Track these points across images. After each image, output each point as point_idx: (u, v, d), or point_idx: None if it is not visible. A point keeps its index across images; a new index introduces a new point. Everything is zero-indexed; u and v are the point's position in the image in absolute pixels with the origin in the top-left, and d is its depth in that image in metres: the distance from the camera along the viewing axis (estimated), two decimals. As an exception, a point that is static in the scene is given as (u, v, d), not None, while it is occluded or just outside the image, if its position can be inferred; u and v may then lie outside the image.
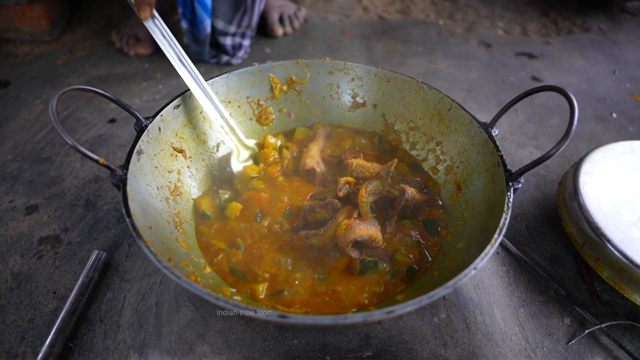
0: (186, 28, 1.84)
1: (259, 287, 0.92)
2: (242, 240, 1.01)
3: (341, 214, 0.99)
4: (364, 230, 0.94)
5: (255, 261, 0.97)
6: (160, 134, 1.00)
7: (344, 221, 0.96)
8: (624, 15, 2.68)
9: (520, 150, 1.58)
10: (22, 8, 2.03)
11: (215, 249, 1.00)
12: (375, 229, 0.97)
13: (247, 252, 0.99)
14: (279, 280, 0.94)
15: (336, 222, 0.97)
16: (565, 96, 0.84)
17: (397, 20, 2.56)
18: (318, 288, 0.92)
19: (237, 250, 0.99)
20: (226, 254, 0.99)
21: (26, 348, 0.96)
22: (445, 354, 0.91)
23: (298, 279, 0.94)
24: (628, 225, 1.05)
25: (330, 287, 0.92)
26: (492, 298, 1.04)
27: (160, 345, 0.91)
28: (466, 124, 1.07)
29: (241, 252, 0.99)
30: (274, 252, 0.99)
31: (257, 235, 1.02)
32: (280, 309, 0.88)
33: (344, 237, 0.93)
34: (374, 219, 0.99)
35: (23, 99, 1.75)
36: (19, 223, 1.23)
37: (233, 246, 1.00)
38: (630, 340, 1.02)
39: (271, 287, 0.93)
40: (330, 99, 1.29)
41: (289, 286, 0.93)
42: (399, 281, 0.94)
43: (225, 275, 0.95)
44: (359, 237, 0.93)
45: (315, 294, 0.92)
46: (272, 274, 0.95)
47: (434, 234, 1.04)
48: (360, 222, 0.95)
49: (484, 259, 0.74)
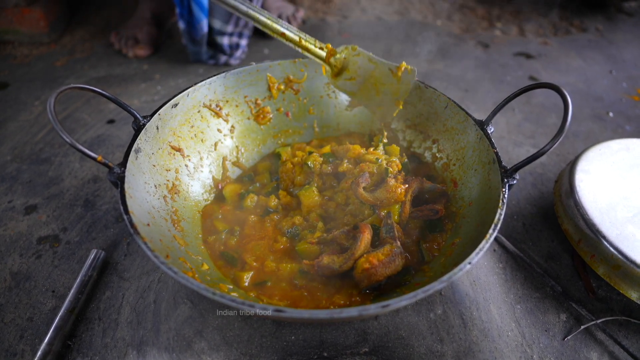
0: (183, 28, 1.84)
1: (244, 275, 0.94)
2: (239, 228, 1.04)
3: (360, 242, 0.91)
4: (388, 270, 0.88)
5: (247, 250, 1.00)
6: (158, 133, 1.01)
7: (362, 260, 0.89)
8: (621, 16, 2.70)
9: (517, 149, 1.59)
10: (21, 10, 2.04)
11: (214, 229, 1.05)
12: (399, 262, 0.90)
13: (240, 240, 1.03)
14: (266, 271, 0.96)
15: (354, 256, 0.90)
16: (559, 92, 0.85)
17: (395, 21, 2.57)
18: (300, 282, 0.93)
19: (232, 236, 1.03)
20: (222, 236, 1.03)
21: (25, 346, 0.96)
22: (442, 349, 0.92)
23: (282, 270, 0.95)
24: (623, 222, 1.06)
25: (310, 283, 0.93)
26: (489, 294, 1.04)
27: (159, 342, 0.92)
28: (462, 122, 1.08)
29: (235, 238, 1.03)
30: (268, 251, 1.00)
31: (261, 231, 1.05)
32: (261, 299, 0.90)
33: (361, 280, 0.88)
34: (399, 246, 0.92)
35: (22, 101, 1.76)
36: (18, 223, 1.24)
37: (231, 232, 1.04)
38: (625, 335, 1.03)
39: (257, 276, 0.95)
40: (327, 98, 1.30)
41: (273, 277, 0.94)
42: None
43: (215, 257, 0.99)
44: (382, 280, 0.88)
45: (295, 287, 0.92)
46: (259, 264, 0.97)
47: (439, 231, 1.02)
48: (383, 262, 0.88)
49: (478, 253, 0.74)
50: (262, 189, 1.18)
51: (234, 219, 1.08)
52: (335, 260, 0.91)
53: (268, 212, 1.09)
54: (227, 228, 1.05)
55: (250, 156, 1.26)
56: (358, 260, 0.90)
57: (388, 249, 0.90)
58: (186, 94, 1.09)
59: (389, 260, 0.89)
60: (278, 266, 0.96)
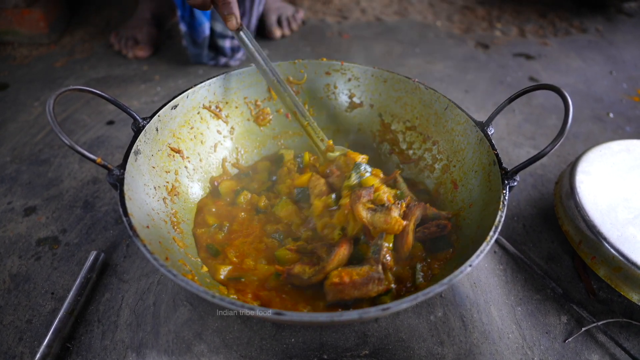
0: (185, 30, 1.84)
1: (221, 268, 0.95)
2: (228, 223, 1.06)
3: (334, 256, 0.87)
4: (357, 293, 0.81)
5: (232, 246, 1.02)
6: (157, 135, 1.00)
7: (335, 273, 0.84)
8: (620, 16, 2.70)
9: (518, 150, 1.59)
10: (21, 11, 2.04)
11: (204, 222, 1.07)
12: (373, 288, 0.82)
13: (228, 235, 1.04)
14: (243, 267, 0.97)
15: (324, 270, 0.86)
16: (560, 94, 0.85)
17: (394, 22, 2.57)
18: (271, 283, 0.93)
19: (220, 231, 1.04)
20: (210, 230, 1.05)
21: (24, 349, 0.96)
22: (442, 352, 0.92)
23: (259, 270, 0.96)
24: (624, 224, 1.06)
25: (281, 287, 0.93)
26: (489, 296, 1.04)
27: (158, 345, 0.91)
28: (462, 123, 1.08)
29: (223, 233, 1.04)
30: (251, 249, 1.02)
31: (248, 228, 1.06)
32: (232, 293, 0.90)
33: (328, 292, 0.84)
34: (379, 272, 0.84)
35: (21, 102, 1.76)
36: (17, 224, 1.23)
37: (219, 227, 1.05)
38: (626, 337, 1.03)
39: (234, 271, 0.96)
40: (327, 100, 1.29)
41: (249, 275, 0.95)
42: None
43: (201, 248, 1.01)
44: (349, 301, 0.83)
45: (266, 288, 0.93)
46: (239, 260, 0.98)
47: (444, 249, 0.96)
48: (354, 282, 0.82)
49: (479, 256, 0.74)
50: (258, 187, 1.18)
51: (225, 214, 1.09)
52: (306, 270, 0.88)
53: (258, 211, 1.10)
54: (217, 223, 1.07)
55: (250, 157, 1.26)
56: (331, 272, 0.86)
57: (366, 270, 0.84)
58: (186, 96, 1.08)
59: (362, 282, 0.82)
60: (256, 265, 0.97)
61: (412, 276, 0.92)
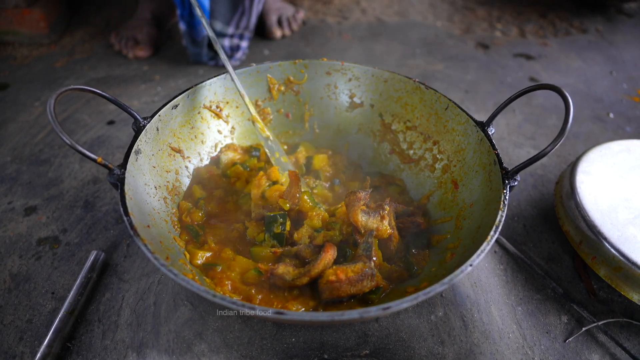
0: (184, 30, 1.84)
1: (199, 254, 0.95)
2: (204, 203, 1.05)
3: (320, 260, 0.88)
4: (353, 289, 0.84)
5: (212, 231, 1.01)
6: (158, 134, 1.00)
7: (330, 271, 0.86)
8: (620, 17, 2.70)
9: (518, 150, 1.59)
10: (21, 11, 2.04)
11: (191, 194, 1.07)
12: (367, 284, 0.85)
13: (208, 219, 1.05)
14: (222, 257, 0.96)
15: (309, 273, 0.87)
16: (560, 94, 0.85)
17: (395, 22, 2.57)
18: (249, 279, 0.92)
19: (198, 210, 1.04)
20: (195, 203, 1.06)
21: (24, 348, 0.96)
22: (443, 351, 0.91)
23: (238, 262, 0.95)
24: (625, 224, 1.06)
25: (259, 284, 0.92)
26: (490, 296, 1.04)
27: (159, 345, 0.91)
28: (463, 123, 1.08)
29: (202, 211, 1.04)
30: (232, 239, 1.01)
31: (228, 215, 1.06)
32: (207, 282, 0.90)
33: (324, 291, 0.85)
34: (372, 268, 0.87)
35: (22, 102, 1.76)
36: (18, 224, 1.23)
37: (206, 200, 1.06)
38: (627, 337, 1.03)
39: (211, 258, 0.96)
40: (327, 100, 1.29)
41: (226, 265, 0.94)
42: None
43: (183, 227, 1.01)
44: (344, 297, 0.85)
45: (244, 282, 0.92)
46: (218, 248, 0.98)
47: (426, 247, 1.02)
48: (350, 280, 0.84)
49: (480, 255, 0.74)
50: (257, 164, 1.18)
51: (212, 187, 1.10)
52: (291, 272, 0.89)
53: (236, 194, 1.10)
54: (204, 196, 1.06)
55: (250, 157, 1.26)
56: (325, 271, 0.87)
57: (360, 267, 0.86)
58: (186, 95, 1.08)
59: (357, 278, 0.84)
60: (235, 257, 0.95)
61: (408, 269, 0.96)
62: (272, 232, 0.97)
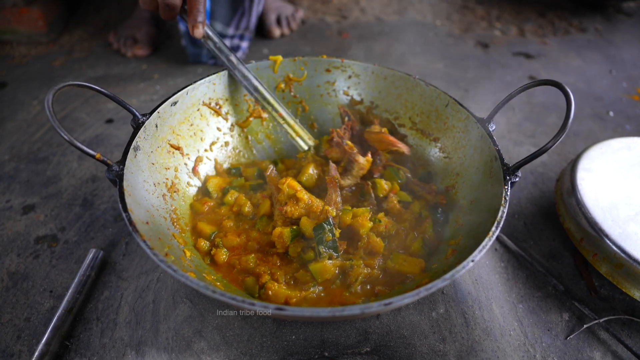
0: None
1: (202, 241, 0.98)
2: (220, 241, 1.00)
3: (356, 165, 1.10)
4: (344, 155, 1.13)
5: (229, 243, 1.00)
6: (157, 131, 1.00)
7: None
8: (619, 16, 2.70)
9: (518, 148, 1.59)
10: (20, 10, 2.03)
11: (202, 233, 1.02)
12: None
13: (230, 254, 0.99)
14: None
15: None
16: (561, 89, 0.84)
17: (394, 21, 2.56)
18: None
19: (219, 250, 0.97)
20: (211, 238, 1.02)
21: (22, 347, 0.95)
22: (444, 348, 0.91)
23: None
24: (626, 220, 1.05)
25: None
26: (491, 293, 1.04)
27: (158, 343, 0.91)
28: (463, 120, 1.07)
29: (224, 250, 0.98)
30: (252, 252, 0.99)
31: (253, 237, 1.02)
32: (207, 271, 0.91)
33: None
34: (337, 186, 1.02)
35: (20, 100, 1.75)
36: (16, 222, 1.22)
37: (213, 243, 1.00)
38: (628, 334, 1.02)
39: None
40: (327, 97, 1.29)
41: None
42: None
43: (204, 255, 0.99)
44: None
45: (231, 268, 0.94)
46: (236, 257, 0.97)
47: (429, 181, 1.13)
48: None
49: (481, 251, 0.73)
50: (246, 184, 1.14)
51: (217, 220, 1.05)
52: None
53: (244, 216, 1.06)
54: (215, 230, 1.01)
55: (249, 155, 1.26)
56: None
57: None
58: (185, 92, 1.08)
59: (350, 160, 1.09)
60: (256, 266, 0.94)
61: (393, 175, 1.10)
62: (324, 242, 0.92)
